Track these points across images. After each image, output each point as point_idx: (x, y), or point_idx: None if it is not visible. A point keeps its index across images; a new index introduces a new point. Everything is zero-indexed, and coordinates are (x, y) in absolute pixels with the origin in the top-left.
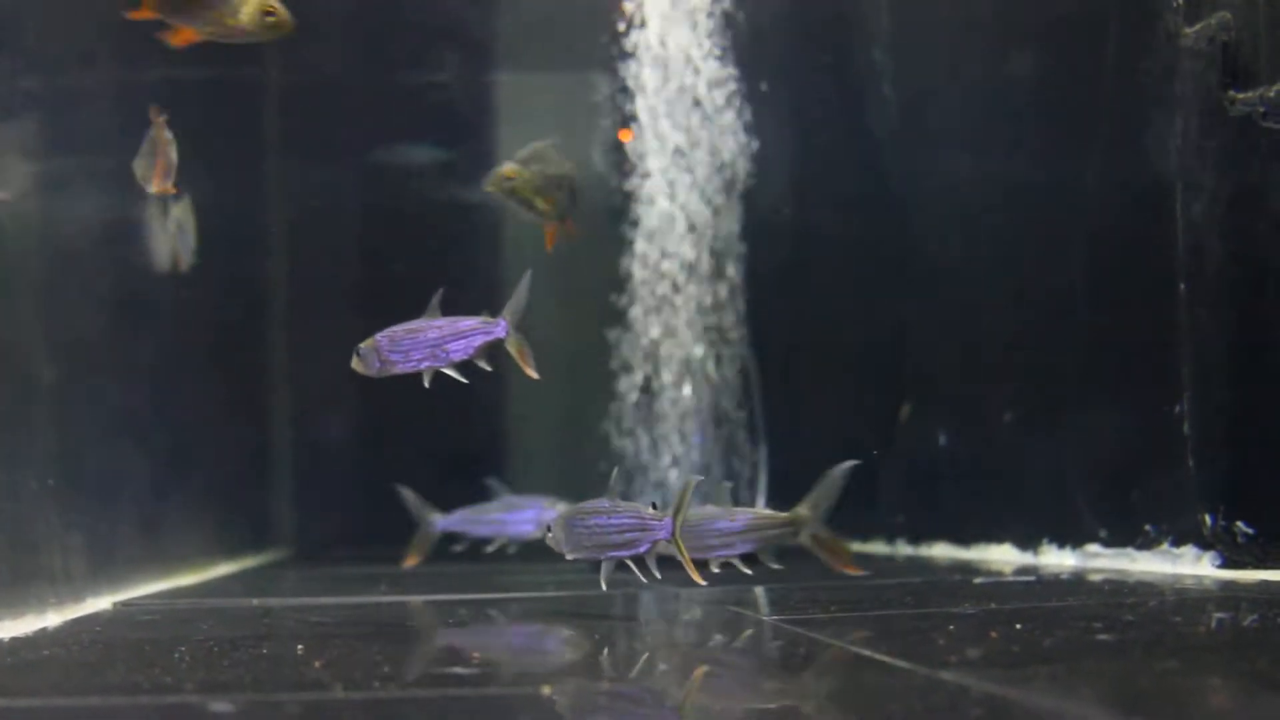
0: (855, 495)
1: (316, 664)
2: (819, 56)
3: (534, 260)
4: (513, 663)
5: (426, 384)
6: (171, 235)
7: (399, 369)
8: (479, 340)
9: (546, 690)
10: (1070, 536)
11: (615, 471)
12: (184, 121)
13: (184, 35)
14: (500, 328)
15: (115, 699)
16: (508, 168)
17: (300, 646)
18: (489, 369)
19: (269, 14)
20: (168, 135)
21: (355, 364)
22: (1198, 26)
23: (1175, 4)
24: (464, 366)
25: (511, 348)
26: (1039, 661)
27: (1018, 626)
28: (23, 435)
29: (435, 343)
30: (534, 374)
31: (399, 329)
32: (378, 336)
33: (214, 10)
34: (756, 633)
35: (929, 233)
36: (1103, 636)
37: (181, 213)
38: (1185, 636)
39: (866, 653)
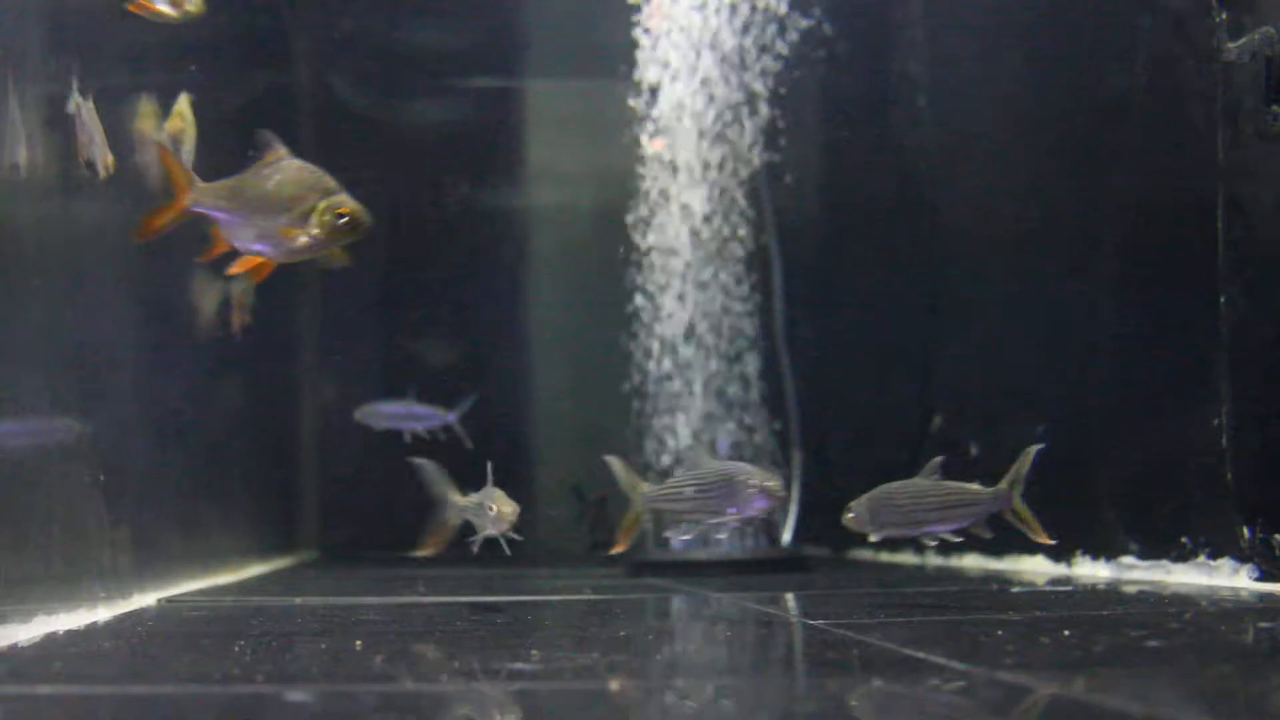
0: None
1: (378, 658)
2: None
3: (559, 270)
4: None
5: None
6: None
7: None
8: None
9: (615, 686)
10: (1104, 548)
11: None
12: (221, 125)
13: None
14: None
15: (191, 688)
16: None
17: (358, 642)
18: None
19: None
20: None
21: None
22: (1241, 41)
23: (1218, 19)
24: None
25: None
26: (1095, 664)
27: (1066, 633)
28: (78, 429)
29: None
30: None
31: None
32: None
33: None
34: (806, 636)
35: (964, 242)
36: (1152, 643)
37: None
38: (1233, 645)
39: (920, 655)
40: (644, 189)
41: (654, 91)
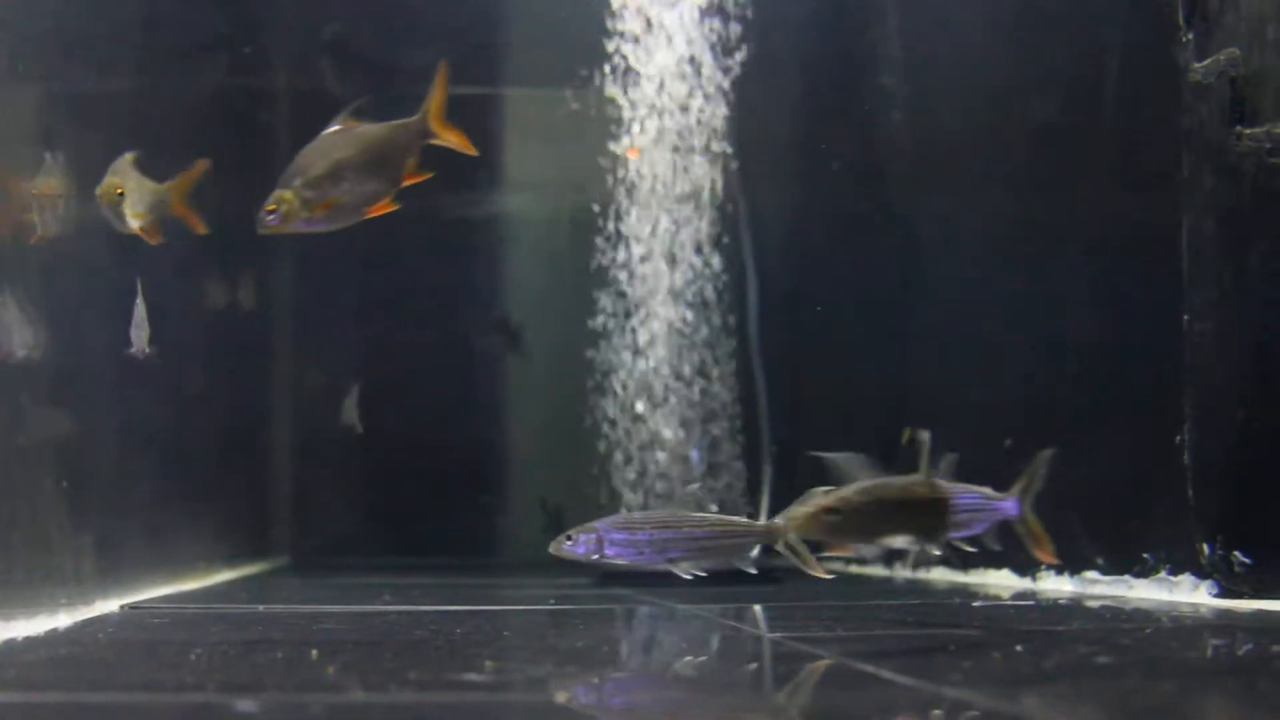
0: None
1: (331, 668)
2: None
3: (534, 269)
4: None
5: None
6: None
7: None
8: None
9: (562, 698)
10: (1068, 563)
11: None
12: (195, 127)
13: None
14: None
15: (141, 696)
16: None
17: (314, 651)
18: None
19: None
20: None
21: None
22: (1206, 62)
23: (1185, 40)
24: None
25: None
26: (1040, 681)
27: (1018, 648)
28: (40, 434)
29: None
30: None
31: None
32: None
33: None
34: (762, 649)
35: (933, 260)
36: (1102, 659)
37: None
38: (1183, 661)
39: (870, 669)
40: (619, 196)
41: (629, 99)
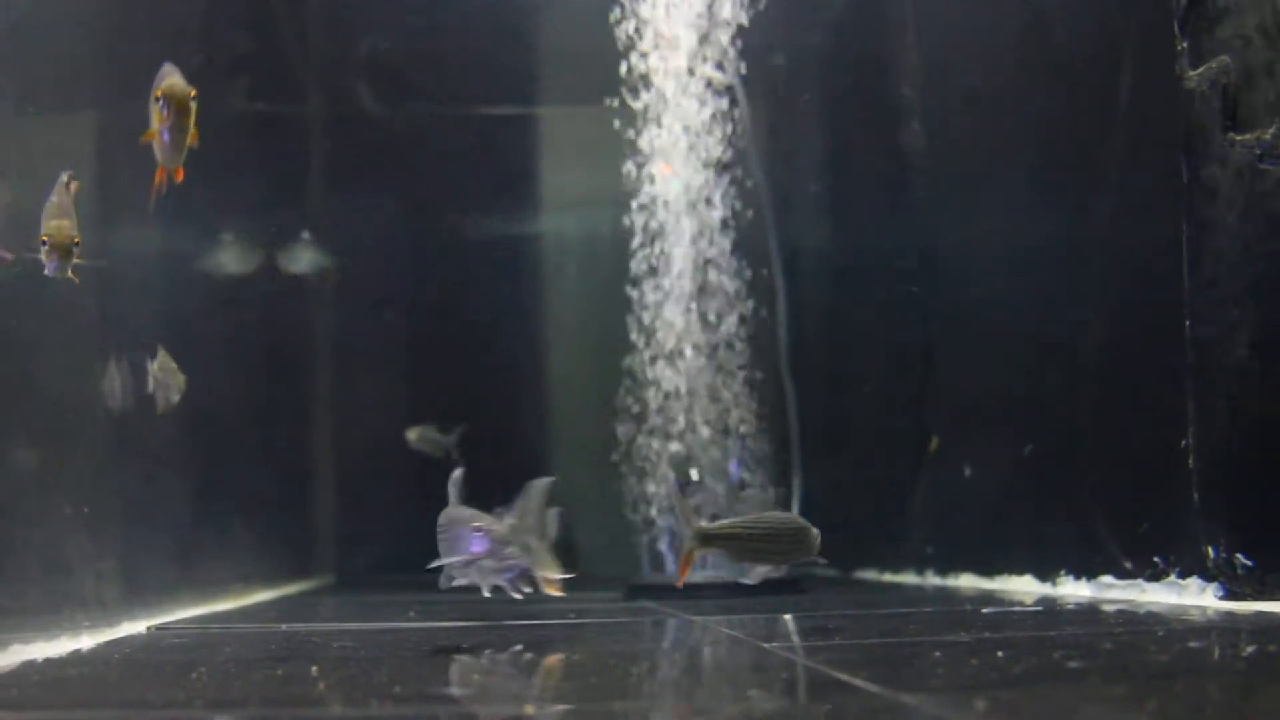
0: (886, 527)
1: (323, 685)
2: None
3: (575, 293)
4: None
5: None
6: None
7: None
8: None
9: (529, 710)
10: (1086, 568)
11: None
12: (229, 156)
13: None
14: None
15: (128, 713)
16: None
17: (315, 668)
18: None
19: None
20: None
21: None
22: (1200, 70)
23: (1180, 47)
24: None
25: None
26: (998, 686)
27: (999, 654)
28: (56, 462)
29: None
30: None
31: None
32: None
33: None
34: (746, 656)
35: (955, 274)
36: (1073, 664)
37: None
38: (1148, 665)
39: (844, 677)
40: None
41: (659, 118)
